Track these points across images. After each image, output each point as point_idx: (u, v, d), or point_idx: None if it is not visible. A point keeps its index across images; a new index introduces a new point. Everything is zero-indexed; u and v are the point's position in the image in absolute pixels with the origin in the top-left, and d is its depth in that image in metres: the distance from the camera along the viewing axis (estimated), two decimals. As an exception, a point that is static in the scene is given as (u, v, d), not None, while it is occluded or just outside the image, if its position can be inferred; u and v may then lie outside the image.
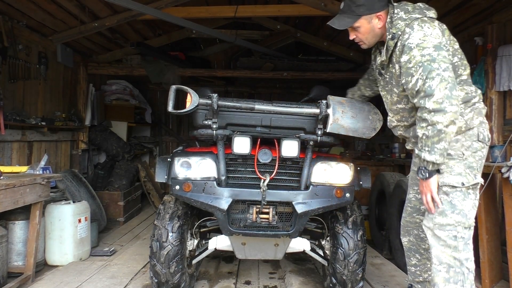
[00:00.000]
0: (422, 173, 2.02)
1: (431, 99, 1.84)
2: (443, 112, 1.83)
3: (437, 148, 1.90)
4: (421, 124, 1.92)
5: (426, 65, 1.86)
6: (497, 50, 3.50)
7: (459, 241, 2.05)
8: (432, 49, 1.88)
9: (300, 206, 2.50)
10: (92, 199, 4.79)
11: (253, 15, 4.92)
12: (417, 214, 2.39)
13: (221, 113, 2.57)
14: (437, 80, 1.84)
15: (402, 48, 1.96)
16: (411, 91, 1.95)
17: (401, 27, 1.98)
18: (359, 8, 2.06)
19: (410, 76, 1.93)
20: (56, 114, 4.82)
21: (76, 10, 4.17)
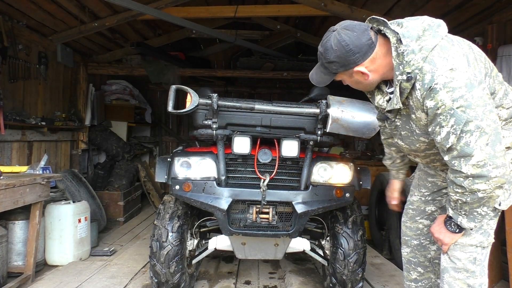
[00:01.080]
0: (452, 226, 1.65)
1: (468, 161, 1.42)
2: (486, 179, 1.42)
3: (477, 213, 1.55)
4: (455, 189, 1.52)
5: (460, 113, 1.40)
6: (497, 50, 3.50)
7: (477, 264, 1.71)
8: (465, 89, 1.40)
9: (300, 206, 2.50)
10: (92, 199, 4.78)
11: (253, 15, 4.92)
12: (420, 217, 2.06)
13: (221, 113, 2.58)
14: (476, 135, 1.40)
15: (424, 92, 1.48)
16: (440, 145, 1.51)
17: (418, 64, 1.47)
18: (331, 65, 1.58)
19: (438, 126, 1.47)
20: (56, 114, 4.82)
21: (76, 10, 4.17)
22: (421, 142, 1.70)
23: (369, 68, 1.57)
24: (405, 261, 2.13)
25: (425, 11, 3.90)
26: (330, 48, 1.54)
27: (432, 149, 1.72)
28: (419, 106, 1.54)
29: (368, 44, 1.53)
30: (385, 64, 1.58)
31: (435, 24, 1.55)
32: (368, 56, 1.55)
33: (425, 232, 2.04)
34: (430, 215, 2.03)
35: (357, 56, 1.53)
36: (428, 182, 2.03)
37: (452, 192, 1.54)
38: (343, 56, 1.53)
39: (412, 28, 1.52)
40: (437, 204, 2.02)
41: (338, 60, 1.55)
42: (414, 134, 1.70)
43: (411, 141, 1.74)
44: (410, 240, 2.09)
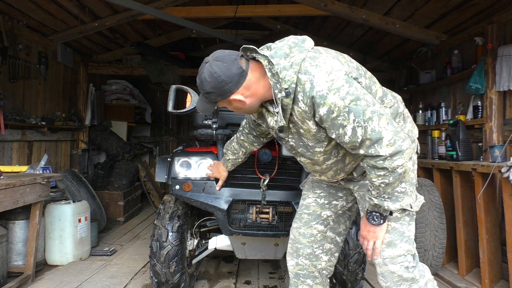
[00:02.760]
0: (375, 219, 1.67)
1: (382, 143, 1.48)
2: (401, 153, 1.49)
3: (398, 192, 1.59)
4: (377, 172, 1.55)
5: (354, 107, 1.47)
6: (497, 50, 3.50)
7: (412, 270, 1.72)
8: (347, 86, 1.49)
9: (300, 206, 2.50)
10: (92, 199, 4.79)
11: (253, 15, 4.92)
12: (316, 222, 1.98)
13: (221, 113, 2.58)
14: (375, 119, 1.47)
15: (309, 101, 1.52)
16: (351, 144, 1.54)
17: (292, 78, 1.52)
18: (209, 95, 1.63)
19: (341, 127, 1.51)
20: (56, 114, 4.82)
21: (76, 10, 4.17)
22: (317, 153, 1.75)
23: (244, 94, 1.63)
24: (293, 275, 2.04)
25: (425, 11, 3.91)
26: (204, 80, 1.60)
27: (330, 157, 1.76)
28: (306, 117, 1.59)
29: (239, 73, 1.58)
30: (261, 87, 1.63)
31: (299, 40, 1.62)
32: (241, 84, 1.60)
33: (318, 238, 1.99)
34: (325, 220, 1.99)
35: (230, 85, 1.58)
36: (323, 183, 2.01)
37: (374, 177, 1.56)
38: (217, 87, 1.59)
39: (278, 48, 1.59)
40: (333, 209, 1.99)
41: (214, 90, 1.60)
42: (308, 147, 1.75)
43: (309, 155, 1.78)
44: (303, 248, 2.00)
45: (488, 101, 3.60)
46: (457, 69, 4.16)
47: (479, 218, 3.16)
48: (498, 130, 3.56)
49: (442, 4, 3.68)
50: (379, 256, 1.74)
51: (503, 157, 3.15)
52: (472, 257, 3.47)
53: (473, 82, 3.68)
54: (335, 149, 1.73)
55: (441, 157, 3.97)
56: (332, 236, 2.01)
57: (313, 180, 2.06)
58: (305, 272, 2.01)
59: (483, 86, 3.63)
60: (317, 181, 2.03)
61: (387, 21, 4.26)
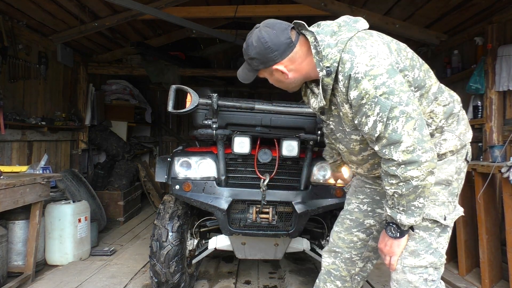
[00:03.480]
0: (392, 231, 1.56)
1: (398, 148, 1.38)
2: (417, 164, 1.38)
3: (415, 206, 1.46)
4: (389, 180, 1.45)
5: (384, 100, 1.37)
6: (497, 50, 3.50)
7: (430, 285, 1.62)
8: (386, 76, 1.38)
9: (300, 206, 2.50)
10: (92, 199, 4.79)
11: (253, 15, 4.92)
12: (357, 230, 1.91)
13: (221, 113, 2.58)
14: (402, 120, 1.37)
15: (347, 81, 1.44)
16: (368, 136, 1.47)
17: (335, 56, 1.45)
18: (252, 61, 1.60)
19: (364, 116, 1.43)
20: (56, 114, 4.82)
21: (76, 10, 4.17)
22: (353, 141, 1.66)
23: (288, 67, 1.57)
24: (324, 271, 1.99)
25: (425, 11, 3.91)
26: (251, 44, 1.55)
27: (367, 149, 1.66)
28: (344, 99, 1.51)
29: (286, 43, 1.52)
30: (307, 63, 1.57)
31: (351, 20, 1.55)
32: (286, 55, 1.54)
33: (359, 246, 1.91)
34: (367, 229, 1.89)
35: (276, 54, 1.53)
36: (367, 188, 1.91)
37: (387, 185, 1.47)
38: (262, 53, 1.54)
39: (327, 25, 1.53)
40: (377, 218, 1.89)
41: (258, 56, 1.55)
42: (346, 133, 1.66)
43: (346, 143, 1.71)
44: (340, 252, 1.93)
45: (488, 101, 3.60)
46: (457, 69, 4.16)
47: (479, 218, 3.16)
48: (498, 130, 3.56)
49: (442, 4, 3.68)
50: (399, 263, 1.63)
51: (503, 157, 3.15)
52: (472, 257, 3.47)
53: (473, 82, 3.68)
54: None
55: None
56: (374, 245, 1.90)
57: (356, 184, 1.97)
58: (337, 273, 1.95)
59: (483, 86, 3.63)
60: (360, 186, 1.94)
61: (387, 21, 4.27)
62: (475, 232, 3.33)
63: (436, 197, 1.60)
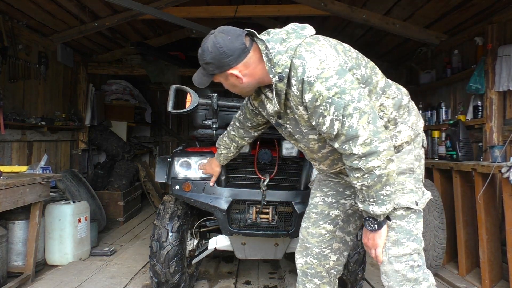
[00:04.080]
0: (370, 224, 1.63)
1: (356, 142, 1.46)
2: (376, 154, 1.46)
3: (383, 195, 1.54)
4: (355, 174, 1.53)
5: (337, 100, 1.45)
6: (497, 50, 3.50)
7: (417, 270, 1.69)
8: (336, 77, 1.46)
9: (300, 206, 2.50)
10: (92, 199, 4.79)
11: (253, 15, 4.92)
12: (324, 222, 1.95)
13: (221, 113, 2.57)
14: (356, 116, 1.45)
15: (300, 85, 1.51)
16: (327, 134, 1.54)
17: (286, 62, 1.52)
18: (208, 66, 1.63)
19: (320, 116, 1.50)
20: (56, 114, 4.82)
21: (76, 10, 4.17)
22: (311, 140, 1.73)
23: (242, 72, 1.62)
24: (300, 273, 2.03)
25: (425, 11, 3.91)
26: (206, 49, 1.60)
27: (325, 146, 1.74)
28: (298, 102, 1.58)
29: (241, 49, 1.58)
30: (260, 69, 1.62)
31: (299, 27, 1.62)
32: (241, 60, 1.59)
33: (327, 238, 1.95)
34: (333, 219, 1.94)
35: (230, 59, 1.58)
36: (330, 181, 1.98)
37: (354, 179, 1.55)
38: (218, 58, 1.58)
39: (276, 33, 1.59)
40: (341, 208, 1.94)
41: (213, 61, 1.60)
42: (304, 134, 1.73)
43: (305, 142, 1.78)
44: (312, 248, 1.97)
45: (488, 101, 3.60)
46: (457, 69, 4.16)
47: (479, 218, 3.16)
48: (498, 130, 3.56)
49: (442, 4, 3.68)
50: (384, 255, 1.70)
51: (503, 157, 3.15)
52: (472, 257, 3.47)
53: (473, 82, 3.68)
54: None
55: (441, 157, 3.97)
56: (341, 235, 1.97)
57: (320, 178, 2.04)
58: (313, 271, 1.99)
59: (483, 86, 3.63)
60: (324, 179, 2.00)
61: (387, 21, 4.26)
62: (475, 232, 3.33)
63: (403, 186, 1.69)
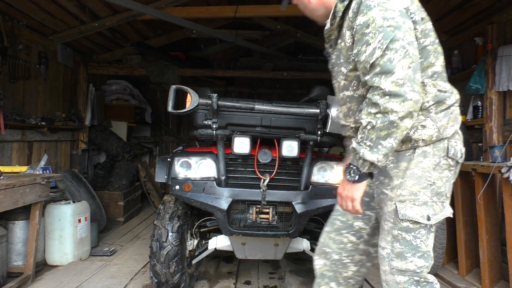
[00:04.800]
0: (351, 173, 1.51)
1: (389, 77, 1.38)
2: (402, 98, 1.37)
3: (382, 145, 1.42)
4: (369, 109, 1.43)
5: (389, 31, 1.39)
6: (497, 50, 3.50)
7: (423, 285, 1.59)
8: (398, 13, 1.42)
9: (300, 206, 2.50)
10: (92, 199, 4.78)
11: (253, 15, 4.92)
12: (347, 232, 1.85)
13: (221, 113, 2.57)
14: (400, 54, 1.38)
15: (358, 7, 1.48)
16: (364, 64, 1.46)
17: None
18: None
19: (365, 44, 1.44)
20: (56, 114, 4.82)
21: (76, 10, 4.17)
22: (340, 74, 1.68)
23: None
24: (318, 274, 1.93)
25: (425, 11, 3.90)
26: None
27: (348, 88, 1.67)
28: (349, 26, 1.54)
29: None
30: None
31: None
32: None
33: (349, 248, 1.86)
34: (357, 231, 1.84)
35: None
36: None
37: (365, 114, 1.45)
38: None
39: None
40: (366, 220, 1.83)
41: None
42: (339, 65, 1.68)
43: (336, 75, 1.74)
44: (331, 253, 1.88)
45: (488, 101, 3.60)
46: (457, 69, 4.16)
47: (479, 218, 3.16)
48: (498, 130, 3.56)
49: (442, 4, 3.68)
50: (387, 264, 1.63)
51: (503, 157, 3.15)
52: (472, 257, 3.47)
53: (473, 82, 3.68)
54: (356, 81, 1.62)
55: (441, 157, 3.96)
56: (365, 248, 1.86)
57: None
58: (331, 274, 1.90)
59: (483, 86, 3.63)
60: None
61: (387, 21, 4.25)
62: (475, 232, 3.33)
63: (415, 196, 1.56)
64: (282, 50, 5.96)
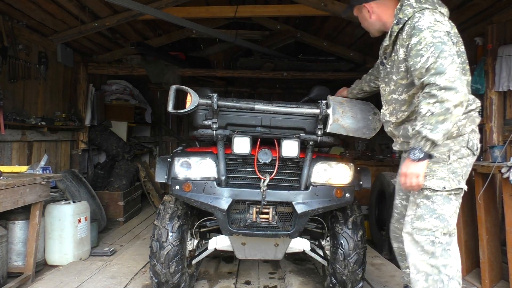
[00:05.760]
0: (416, 153, 1.86)
1: (443, 76, 1.77)
2: (454, 91, 1.75)
3: (440, 127, 1.79)
4: (428, 100, 1.81)
5: (438, 45, 1.82)
6: (497, 50, 3.50)
7: (437, 246, 1.96)
8: (444, 33, 1.86)
9: (300, 206, 2.50)
10: (92, 199, 4.79)
11: (253, 15, 4.92)
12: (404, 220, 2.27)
13: (221, 113, 2.57)
14: (449, 60, 1.79)
15: (410, 30, 1.92)
16: (419, 70, 1.86)
17: (409, 13, 1.96)
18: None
19: (419, 56, 1.86)
20: (56, 114, 4.82)
21: (76, 10, 4.17)
22: (391, 80, 2.15)
23: (373, 9, 2.17)
24: (397, 254, 2.54)
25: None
26: None
27: (395, 91, 2.14)
28: (403, 44, 1.99)
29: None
30: (388, 14, 2.13)
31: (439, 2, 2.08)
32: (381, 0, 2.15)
33: None
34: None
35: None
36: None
37: (424, 104, 1.83)
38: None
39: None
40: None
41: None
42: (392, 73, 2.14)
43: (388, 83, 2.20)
44: (399, 237, 2.40)
45: (488, 101, 3.60)
46: (457, 69, 4.16)
47: (479, 218, 3.16)
48: (498, 130, 3.56)
49: (442, 4, 3.68)
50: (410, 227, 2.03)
51: (503, 158, 3.15)
52: (472, 257, 3.47)
53: (473, 82, 3.68)
54: (401, 88, 2.09)
55: (441, 157, 3.97)
56: None
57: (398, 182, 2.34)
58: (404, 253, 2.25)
59: (483, 86, 3.63)
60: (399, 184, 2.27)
61: (387, 21, 4.26)
62: (475, 232, 3.32)
63: (434, 172, 1.99)
64: (282, 50, 5.96)
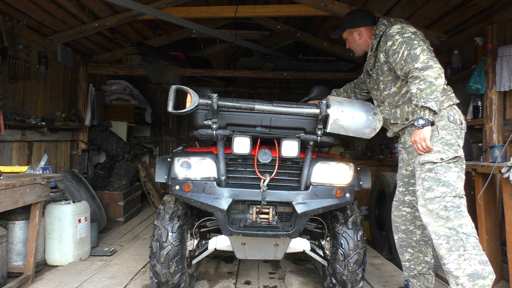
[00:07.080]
0: (420, 121, 2.22)
1: (418, 61, 2.23)
2: (430, 68, 2.20)
3: (431, 97, 2.18)
4: (414, 82, 2.24)
5: (408, 41, 2.31)
6: (497, 50, 3.50)
7: (450, 210, 2.23)
8: (411, 33, 2.36)
9: (300, 206, 2.50)
10: (92, 199, 4.78)
11: (253, 15, 4.92)
12: (402, 206, 2.68)
13: (221, 113, 2.57)
14: (419, 49, 2.26)
15: (385, 38, 2.43)
16: (399, 62, 2.33)
17: (383, 29, 2.51)
18: (344, 24, 2.72)
19: (396, 53, 2.35)
20: (56, 114, 4.82)
21: (76, 10, 4.17)
22: (380, 81, 2.59)
23: (362, 33, 2.69)
24: (398, 246, 2.74)
25: (425, 11, 3.91)
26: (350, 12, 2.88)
27: (386, 89, 2.58)
28: (381, 50, 2.50)
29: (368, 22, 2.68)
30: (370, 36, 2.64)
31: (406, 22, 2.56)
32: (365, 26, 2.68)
33: (409, 218, 2.66)
34: (409, 204, 2.66)
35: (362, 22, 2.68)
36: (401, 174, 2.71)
37: (413, 85, 2.26)
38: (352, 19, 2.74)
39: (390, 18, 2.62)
40: (412, 193, 2.63)
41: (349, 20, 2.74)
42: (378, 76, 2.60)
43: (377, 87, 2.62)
44: (399, 226, 2.70)
45: (488, 101, 3.60)
46: (457, 69, 4.16)
47: (479, 218, 3.16)
48: (498, 130, 3.56)
49: (442, 4, 3.68)
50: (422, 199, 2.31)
51: (503, 158, 3.15)
52: (472, 257, 3.46)
53: (473, 82, 3.68)
54: (390, 82, 2.53)
55: (441, 157, 3.97)
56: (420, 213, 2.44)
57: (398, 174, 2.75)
58: (405, 243, 2.69)
59: (483, 86, 3.63)
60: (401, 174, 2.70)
61: (387, 21, 4.26)
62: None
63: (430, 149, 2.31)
64: (282, 50, 5.95)
